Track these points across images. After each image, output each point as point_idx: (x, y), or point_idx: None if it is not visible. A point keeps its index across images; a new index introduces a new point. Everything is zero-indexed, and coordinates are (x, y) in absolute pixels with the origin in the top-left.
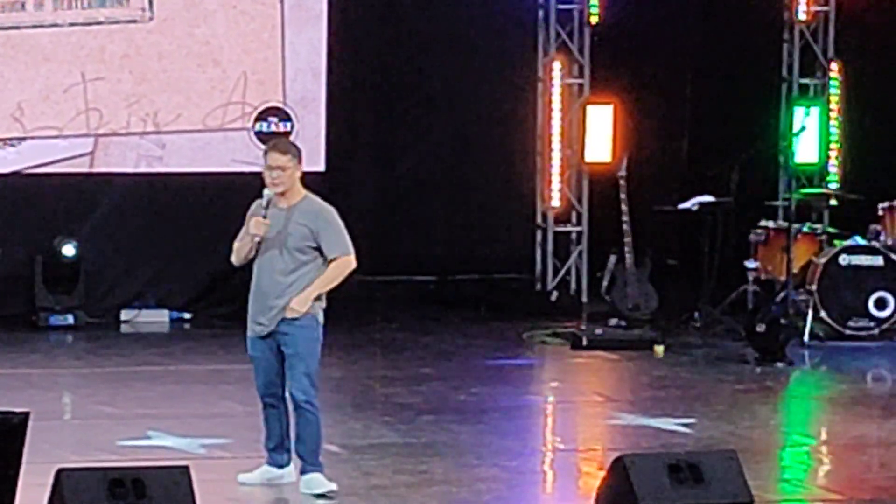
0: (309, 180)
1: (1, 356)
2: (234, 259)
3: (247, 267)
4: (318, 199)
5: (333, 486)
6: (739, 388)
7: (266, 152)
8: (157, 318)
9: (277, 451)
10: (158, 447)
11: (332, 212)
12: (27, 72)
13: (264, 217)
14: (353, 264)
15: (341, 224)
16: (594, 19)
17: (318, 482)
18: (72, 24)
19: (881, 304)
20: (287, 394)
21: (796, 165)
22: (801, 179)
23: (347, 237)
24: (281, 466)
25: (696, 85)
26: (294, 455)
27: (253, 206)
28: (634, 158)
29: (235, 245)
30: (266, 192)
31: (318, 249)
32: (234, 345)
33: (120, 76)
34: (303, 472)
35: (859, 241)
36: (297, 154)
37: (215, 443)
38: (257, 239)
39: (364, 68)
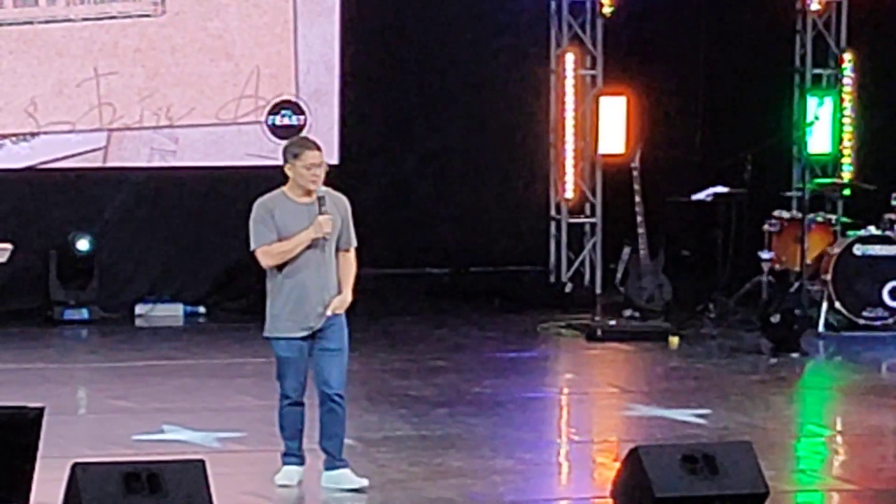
0: None
1: (16, 351)
2: (273, 262)
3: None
4: (331, 190)
5: (365, 482)
6: (754, 379)
7: (300, 152)
8: (171, 313)
9: (300, 448)
10: (173, 441)
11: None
12: (40, 67)
13: (320, 214)
14: None
15: None
16: (607, 10)
17: (351, 477)
18: (84, 19)
19: None
20: (318, 389)
21: (810, 156)
22: (814, 170)
23: None
24: (303, 463)
25: (710, 76)
26: (321, 451)
27: (260, 208)
28: (648, 149)
29: (282, 248)
30: (321, 189)
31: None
32: (248, 339)
33: (133, 70)
34: (332, 467)
35: (873, 230)
36: None
37: (230, 436)
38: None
39: (377, 61)
